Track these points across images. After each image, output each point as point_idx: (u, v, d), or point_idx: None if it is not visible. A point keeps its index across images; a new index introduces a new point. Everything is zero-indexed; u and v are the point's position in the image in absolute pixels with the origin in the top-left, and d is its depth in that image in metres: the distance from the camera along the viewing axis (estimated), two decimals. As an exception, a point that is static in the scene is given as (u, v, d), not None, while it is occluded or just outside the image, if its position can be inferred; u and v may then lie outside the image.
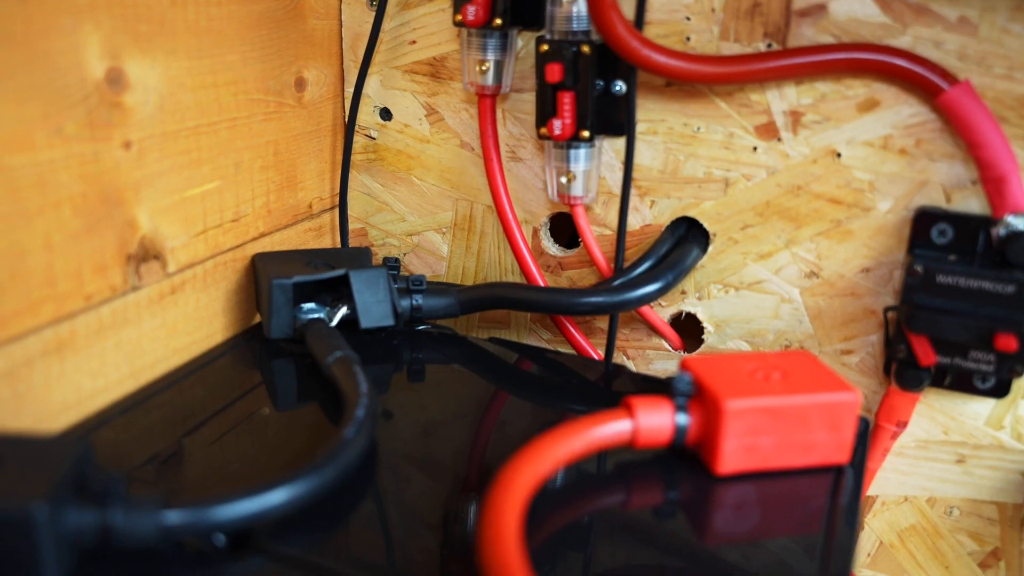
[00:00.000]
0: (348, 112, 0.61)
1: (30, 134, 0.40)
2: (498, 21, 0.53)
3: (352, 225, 0.64)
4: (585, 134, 0.52)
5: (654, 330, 0.57)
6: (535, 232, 0.59)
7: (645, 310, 0.56)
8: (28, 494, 0.32)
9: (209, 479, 0.41)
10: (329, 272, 0.52)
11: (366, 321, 0.52)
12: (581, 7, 0.51)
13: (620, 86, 0.52)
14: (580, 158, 0.54)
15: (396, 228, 0.63)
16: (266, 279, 0.52)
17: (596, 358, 0.58)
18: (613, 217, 0.56)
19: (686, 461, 0.43)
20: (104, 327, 0.46)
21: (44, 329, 0.42)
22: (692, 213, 0.55)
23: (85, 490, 0.35)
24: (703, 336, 0.57)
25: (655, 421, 0.42)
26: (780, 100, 0.51)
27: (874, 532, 0.56)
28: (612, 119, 0.53)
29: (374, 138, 0.61)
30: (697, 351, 0.57)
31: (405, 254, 0.64)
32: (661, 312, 0.57)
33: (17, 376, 0.41)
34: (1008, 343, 0.45)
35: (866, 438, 0.48)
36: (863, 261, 0.52)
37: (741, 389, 0.42)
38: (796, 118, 0.51)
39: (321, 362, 0.48)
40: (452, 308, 0.55)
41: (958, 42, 0.47)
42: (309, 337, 0.50)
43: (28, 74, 0.39)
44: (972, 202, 0.49)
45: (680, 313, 0.57)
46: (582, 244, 0.57)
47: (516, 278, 0.61)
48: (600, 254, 0.56)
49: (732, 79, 0.50)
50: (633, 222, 0.56)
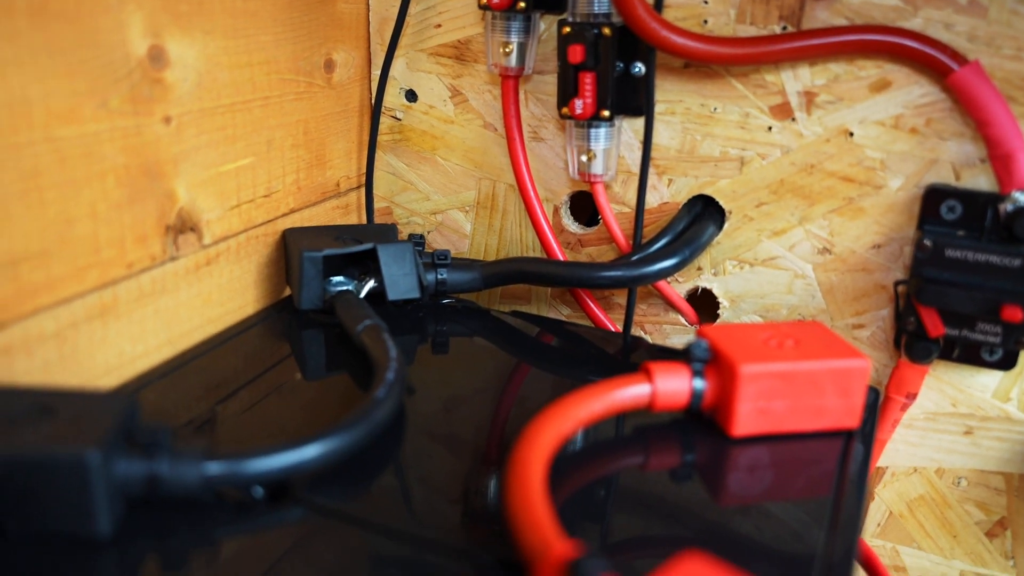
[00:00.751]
0: (375, 93, 0.63)
1: (78, 107, 0.42)
2: (521, 4, 0.55)
3: (377, 204, 0.66)
4: (605, 113, 0.54)
5: (671, 305, 0.59)
6: (556, 210, 0.61)
7: (662, 285, 0.58)
8: (82, 442, 0.34)
9: (244, 443, 0.43)
10: (358, 246, 0.54)
11: (393, 293, 0.54)
12: (602, -10, 0.52)
13: (639, 67, 0.54)
14: (600, 137, 0.55)
15: (420, 207, 0.65)
16: (297, 252, 0.53)
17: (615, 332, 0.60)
18: (632, 195, 0.58)
19: (702, 425, 0.45)
20: (144, 295, 0.48)
21: (89, 294, 0.44)
22: (708, 191, 0.56)
23: (133, 442, 0.37)
24: (718, 311, 0.59)
25: (673, 385, 0.44)
26: (794, 81, 0.52)
27: (884, 502, 0.58)
28: (631, 100, 0.55)
29: (400, 119, 0.63)
30: (712, 326, 0.59)
31: (429, 232, 0.65)
32: (678, 288, 0.59)
33: (64, 338, 0.43)
34: (1014, 314, 0.47)
35: (876, 407, 0.50)
36: (874, 237, 0.53)
37: (756, 355, 0.43)
38: (810, 98, 0.52)
39: (351, 330, 0.50)
40: (475, 282, 0.57)
41: (968, 24, 0.48)
42: (339, 307, 0.52)
43: (77, 50, 0.41)
44: (981, 179, 0.50)
45: (696, 289, 0.59)
46: (601, 222, 0.59)
47: (537, 255, 0.62)
48: (619, 231, 0.58)
49: (748, 60, 0.51)
50: (651, 200, 0.58)
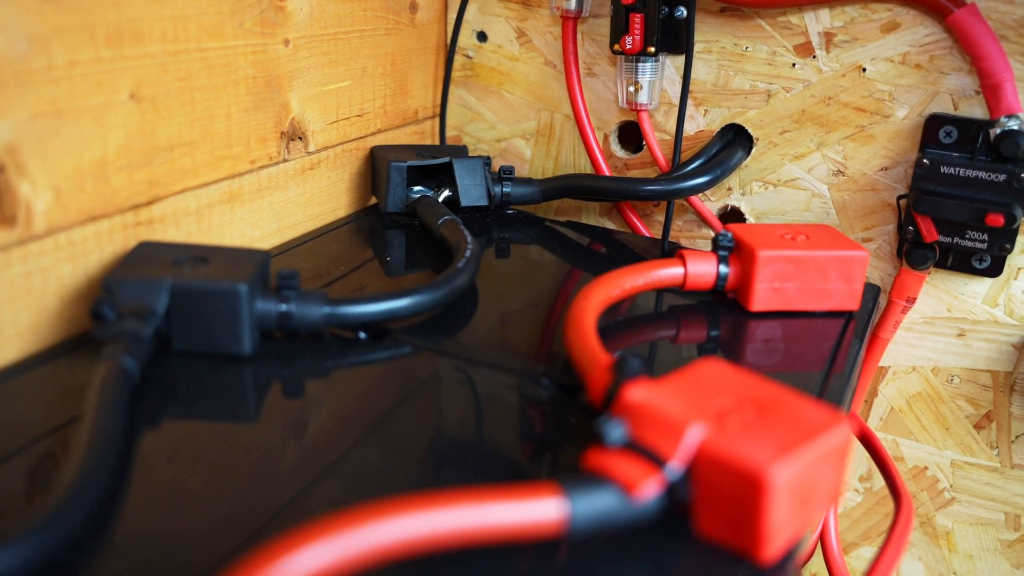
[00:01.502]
0: (450, 34, 0.72)
1: (222, 25, 0.51)
2: (581, -45, 0.64)
3: (449, 133, 0.75)
4: (651, 50, 0.63)
5: (704, 220, 0.68)
6: (606, 137, 0.70)
7: (696, 201, 0.66)
8: (233, 279, 0.43)
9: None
10: (437, 159, 0.63)
11: (465, 200, 0.64)
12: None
13: (681, 11, 0.63)
14: (646, 71, 0.64)
15: (487, 135, 0.74)
16: (384, 163, 0.63)
17: (653, 247, 0.69)
18: (672, 124, 0.67)
19: (726, 304, 0.54)
20: (262, 188, 0.57)
21: (222, 182, 0.54)
22: (739, 120, 0.65)
23: (268, 286, 0.46)
24: (745, 229, 0.67)
25: (702, 268, 0.53)
26: (816, 23, 0.61)
27: (886, 399, 0.66)
28: (674, 39, 0.64)
29: (471, 57, 0.73)
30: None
31: (493, 158, 0.75)
32: (710, 205, 0.67)
33: (202, 216, 0.53)
34: (996, 220, 0.55)
35: (876, 300, 0.58)
36: (882, 161, 0.61)
37: (772, 244, 0.52)
38: (829, 38, 0.61)
39: (431, 225, 0.59)
40: (535, 195, 0.66)
41: (967, -28, 0.56)
42: (420, 208, 0.62)
43: (222, -23, 0.51)
44: (975, 109, 0.58)
45: (726, 207, 0.67)
46: (646, 147, 0.67)
47: (587, 180, 0.71)
48: (661, 155, 0.66)
49: (777, 3, 0.60)
50: (689, 128, 0.66)
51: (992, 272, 0.59)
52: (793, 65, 0.62)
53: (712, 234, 0.68)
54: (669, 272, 0.52)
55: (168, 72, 0.49)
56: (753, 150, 0.65)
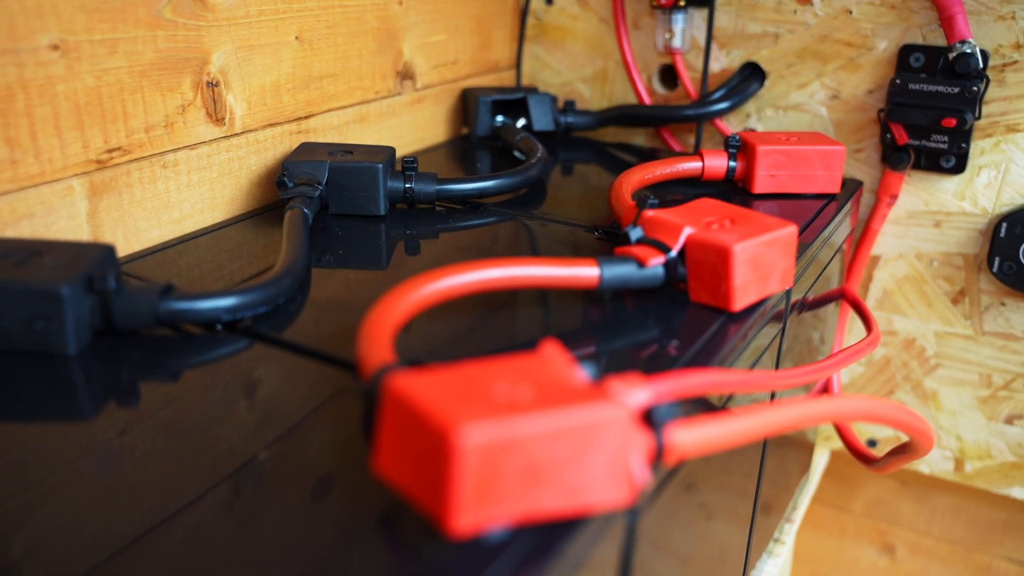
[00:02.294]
0: (523, 0, 0.90)
1: (356, -12, 0.70)
2: (626, -69, 0.81)
3: (524, 80, 0.93)
4: (682, 3, 0.79)
5: (728, 142, 0.84)
6: (648, 78, 0.86)
7: (720, 123, 0.83)
8: (374, 161, 0.62)
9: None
10: (515, 94, 0.81)
11: (538, 126, 0.81)
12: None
13: (706, -28, 0.79)
14: (679, 21, 0.81)
15: (554, 80, 0.91)
16: (474, 98, 0.81)
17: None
18: (700, 64, 0.83)
19: (736, 190, 0.70)
20: (383, 114, 0.76)
21: (355, 106, 0.73)
22: (754, 59, 0.81)
23: (395, 169, 0.64)
24: (763, 148, 0.83)
25: (716, 162, 0.69)
26: (813, -23, 0.77)
27: (879, 283, 0.82)
28: (701, -5, 0.81)
29: (540, 19, 0.90)
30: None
31: (558, 99, 0.92)
32: (733, 128, 0.83)
33: (341, 131, 0.72)
34: (951, 122, 0.70)
35: (857, 192, 0.74)
36: (868, 85, 0.77)
37: (770, 142, 0.68)
38: (823, -11, 0.76)
39: (511, 142, 0.77)
40: (592, 122, 0.83)
41: (928, -69, 0.71)
42: (502, 132, 0.79)
43: (356, -47, 0.70)
44: (940, 39, 0.73)
45: (745, 129, 0.83)
46: (680, 84, 0.84)
47: (635, 116, 0.88)
48: (692, 89, 0.83)
49: (780, -37, 0.76)
50: (714, 67, 0.83)
51: (957, 169, 0.75)
52: (795, 11, 0.78)
53: (735, 153, 0.84)
54: (690, 165, 0.69)
55: (320, 21, 0.67)
56: (765, 82, 0.81)
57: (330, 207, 0.63)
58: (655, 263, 0.49)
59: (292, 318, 0.48)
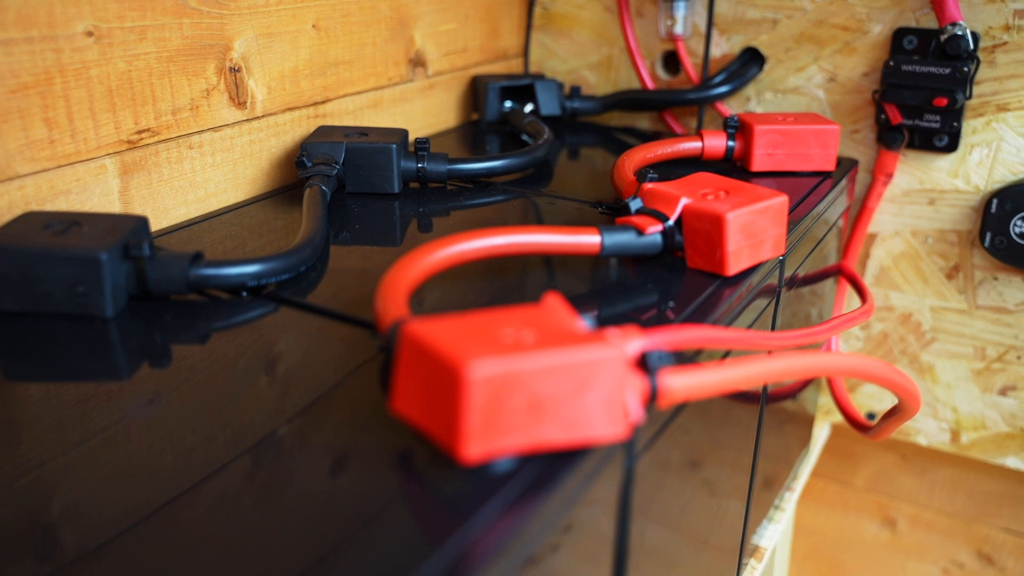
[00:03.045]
0: (530, -9, 0.93)
1: (369, -22, 0.73)
2: (629, -78, 0.84)
3: (531, 68, 0.96)
4: (683, -9, 0.82)
5: (729, 125, 0.87)
6: (652, 64, 0.89)
7: (721, 106, 0.85)
8: (388, 142, 0.65)
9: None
10: (523, 80, 0.84)
11: (544, 110, 0.84)
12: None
13: (707, -40, 0.82)
14: (681, 8, 0.84)
15: (560, 68, 0.95)
16: (483, 84, 0.84)
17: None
18: (701, 49, 0.86)
19: (735, 168, 0.73)
20: (396, 99, 0.79)
21: (369, 92, 0.76)
22: (753, 44, 0.84)
23: (408, 150, 0.68)
24: (763, 130, 0.86)
25: (715, 142, 0.72)
26: (809, -37, 0.79)
27: (876, 259, 0.84)
28: (702, -17, 0.83)
29: (547, 8, 0.93)
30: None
31: (565, 85, 0.95)
32: (733, 112, 0.86)
33: (356, 116, 0.75)
34: (942, 102, 0.73)
35: (851, 171, 0.77)
36: (863, 68, 0.80)
37: (768, 123, 0.71)
38: (820, -25, 0.79)
39: (519, 126, 0.80)
40: (597, 107, 0.86)
41: (919, -82, 0.74)
42: (511, 116, 0.82)
43: (369, -55, 0.73)
44: (932, 22, 0.76)
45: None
46: (682, 69, 0.87)
47: (639, 101, 0.91)
48: (694, 74, 0.86)
49: (777, -50, 0.79)
50: (715, 52, 0.85)
51: (950, 148, 0.77)
52: (793, -3, 0.81)
53: (736, 135, 0.87)
54: (691, 145, 0.72)
55: (336, 10, 0.70)
56: (765, 66, 0.84)
57: (346, 186, 0.66)
58: (653, 231, 0.52)
59: (313, 285, 0.51)
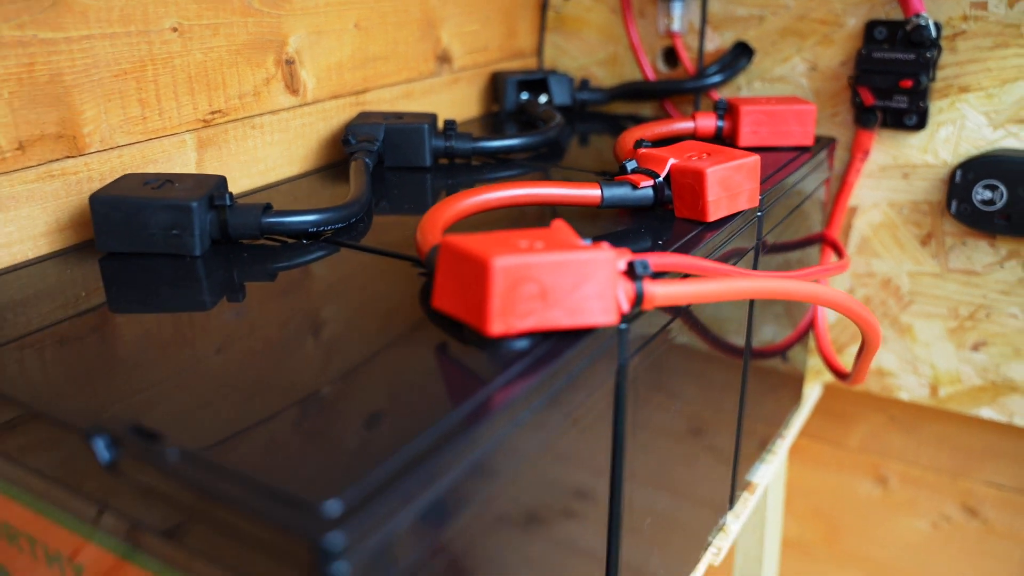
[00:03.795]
0: (544, -4, 1.04)
1: (402, -15, 0.84)
2: (630, -68, 0.94)
3: (545, 65, 1.06)
4: (679, -8, 0.93)
5: (723, 112, 0.96)
6: (653, 59, 0.99)
7: (715, 94, 0.95)
8: (420, 123, 0.75)
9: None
10: (538, 74, 0.95)
11: (557, 101, 0.95)
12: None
13: (700, -35, 0.92)
14: (677, 8, 0.94)
15: (571, 65, 1.05)
16: (503, 79, 0.94)
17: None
18: (697, 44, 0.96)
19: (725, 145, 0.83)
20: (425, 92, 0.90)
21: (402, 84, 0.86)
22: (743, 38, 0.94)
23: (437, 130, 0.78)
24: (754, 116, 0.95)
25: (706, 122, 0.82)
26: (790, -34, 0.89)
27: (858, 230, 0.94)
28: (696, -15, 0.93)
29: (559, 11, 1.04)
30: (751, 127, 0.96)
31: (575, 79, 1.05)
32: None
33: (392, 104, 0.86)
34: (907, 83, 0.82)
35: (830, 148, 0.86)
36: (841, 57, 0.89)
37: (753, 104, 0.81)
38: (800, -24, 0.89)
39: (535, 112, 0.90)
40: (604, 98, 0.96)
41: (886, -77, 0.84)
42: (527, 106, 0.93)
43: (402, -44, 0.84)
44: (900, 14, 0.85)
45: (739, 101, 0.96)
46: (680, 63, 0.97)
47: (643, 93, 1.01)
48: (691, 67, 0.96)
49: (762, -45, 0.89)
50: (708, 46, 0.95)
51: (919, 126, 0.87)
52: (777, -4, 0.91)
53: (730, 121, 0.97)
54: (684, 124, 0.82)
55: (375, 12, 0.81)
56: (753, 58, 0.93)
57: (384, 161, 0.76)
58: (646, 185, 0.62)
59: (363, 233, 0.62)
